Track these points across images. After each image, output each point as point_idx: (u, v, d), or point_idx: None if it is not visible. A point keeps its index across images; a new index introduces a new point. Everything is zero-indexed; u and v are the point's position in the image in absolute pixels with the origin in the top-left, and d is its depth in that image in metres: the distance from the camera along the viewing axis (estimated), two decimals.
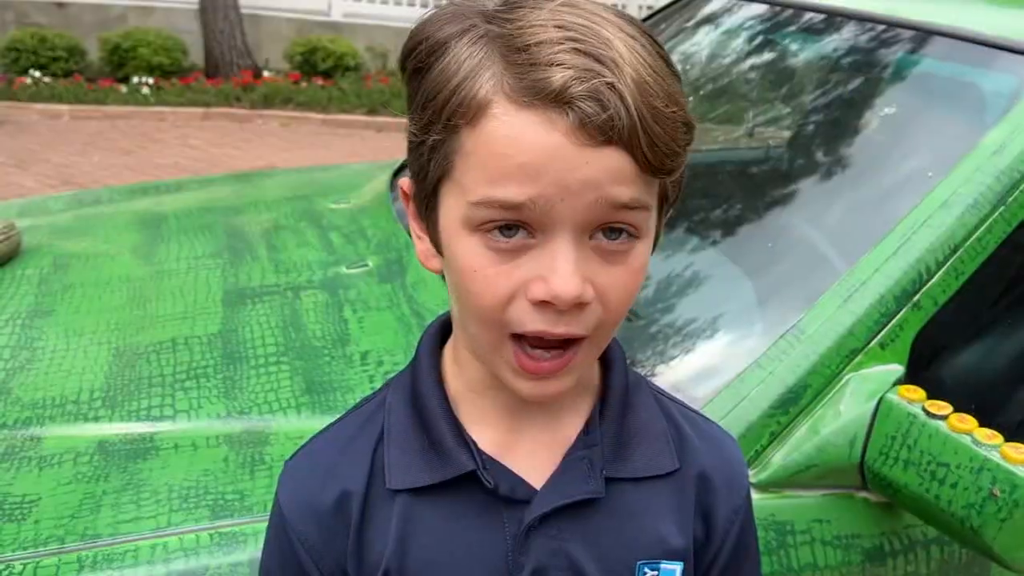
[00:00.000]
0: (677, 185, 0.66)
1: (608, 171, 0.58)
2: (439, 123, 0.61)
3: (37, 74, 7.66)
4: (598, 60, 0.57)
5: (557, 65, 0.56)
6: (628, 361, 0.76)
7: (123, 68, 7.97)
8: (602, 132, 0.56)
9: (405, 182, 0.69)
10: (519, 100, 0.57)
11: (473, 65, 0.59)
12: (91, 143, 6.54)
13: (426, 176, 0.64)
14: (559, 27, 0.58)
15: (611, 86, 0.56)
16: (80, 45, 8.05)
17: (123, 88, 7.69)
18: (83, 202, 2.21)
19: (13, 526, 1.04)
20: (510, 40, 0.59)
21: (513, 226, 0.59)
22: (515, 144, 0.57)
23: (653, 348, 1.28)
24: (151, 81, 7.86)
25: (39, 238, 1.87)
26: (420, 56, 0.63)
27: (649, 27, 0.63)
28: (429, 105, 0.61)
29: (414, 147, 0.64)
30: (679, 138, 0.60)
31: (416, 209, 0.68)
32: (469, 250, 0.61)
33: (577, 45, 0.57)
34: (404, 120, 0.67)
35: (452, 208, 0.62)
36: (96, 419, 1.24)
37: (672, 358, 1.27)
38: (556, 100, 0.56)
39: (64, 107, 7.26)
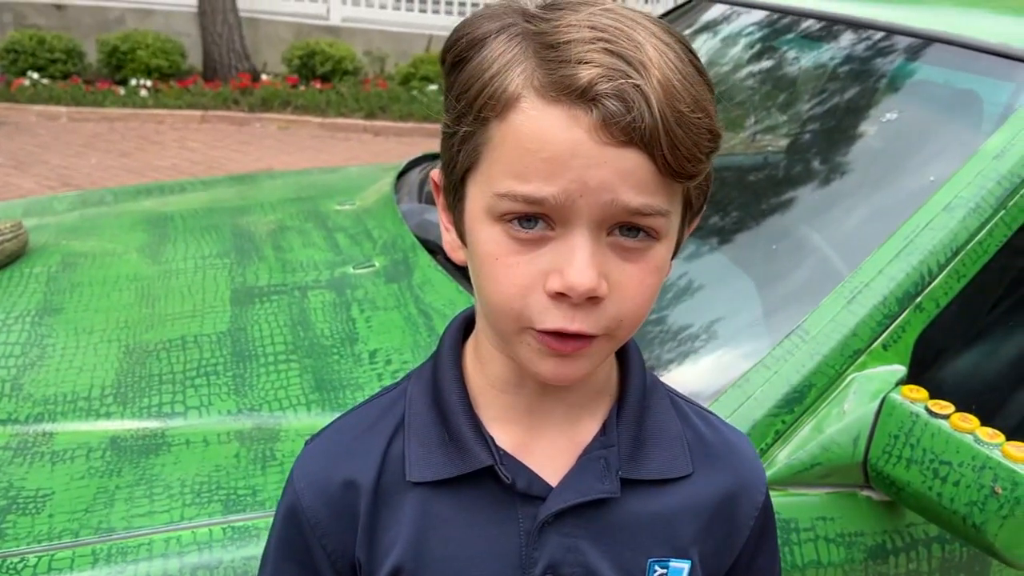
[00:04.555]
0: (702, 194, 0.67)
1: (624, 173, 0.59)
2: (470, 115, 0.62)
3: (35, 76, 7.65)
4: (627, 61, 0.58)
5: (586, 63, 0.58)
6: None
7: (121, 70, 7.97)
8: (624, 132, 0.57)
9: (436, 173, 0.70)
10: (547, 95, 0.59)
11: (507, 60, 0.61)
12: (89, 145, 6.54)
13: (455, 166, 0.65)
14: (592, 27, 0.59)
15: (637, 87, 0.57)
16: (79, 47, 8.05)
17: (121, 90, 7.69)
18: (88, 202, 2.22)
19: (27, 519, 1.05)
20: (544, 38, 0.60)
21: (533, 218, 0.60)
22: (540, 139, 0.59)
23: (661, 349, 1.30)
24: (149, 84, 7.86)
25: (45, 237, 1.87)
26: (459, 50, 0.64)
27: (684, 36, 0.64)
28: (463, 97, 0.63)
29: (446, 138, 0.66)
30: (702, 144, 0.60)
31: (445, 200, 0.70)
32: (490, 238, 0.62)
33: (608, 45, 0.58)
34: (401, 125, 0.68)
35: (477, 198, 0.64)
36: (107, 415, 1.25)
37: (679, 358, 1.29)
38: (581, 97, 0.57)
39: (62, 109, 7.25)
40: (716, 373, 1.23)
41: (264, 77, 8.44)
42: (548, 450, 0.71)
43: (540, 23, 0.61)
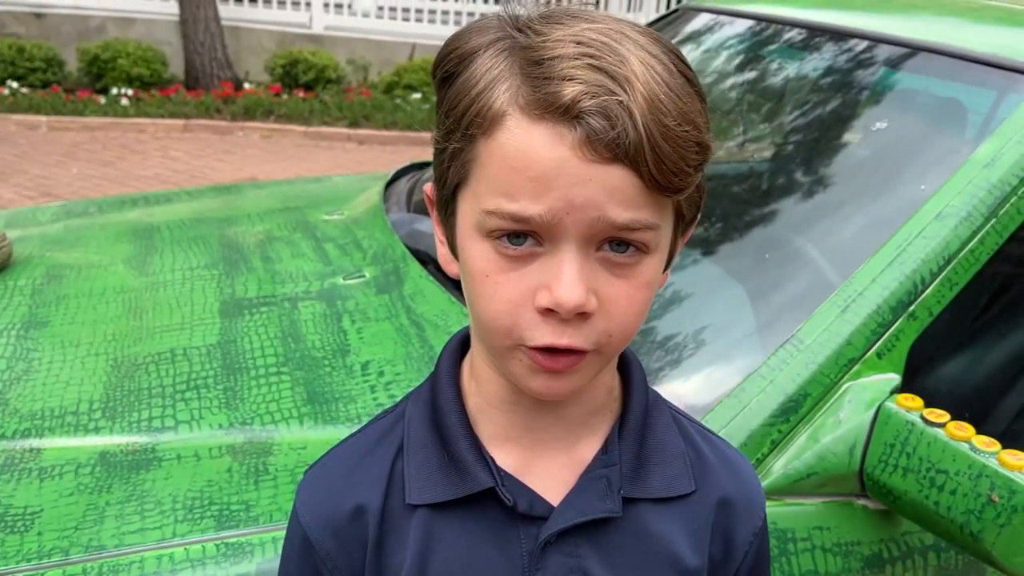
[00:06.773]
0: (694, 205, 0.66)
1: (611, 190, 0.58)
2: (459, 131, 0.62)
3: (15, 85, 7.58)
4: (611, 76, 0.57)
5: (569, 80, 0.57)
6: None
7: (102, 79, 7.91)
8: (608, 148, 0.57)
9: (429, 187, 0.70)
10: (531, 113, 0.58)
11: (493, 76, 0.60)
12: (70, 154, 6.48)
13: (446, 182, 0.65)
14: (577, 42, 0.59)
15: (621, 103, 0.57)
16: (59, 56, 7.98)
17: (102, 99, 7.63)
18: (72, 213, 2.19)
19: (16, 538, 1.03)
20: (529, 53, 0.60)
21: (522, 234, 0.60)
22: (525, 157, 0.58)
23: (655, 360, 1.30)
24: (130, 92, 7.81)
25: (30, 249, 1.85)
26: (448, 65, 0.64)
27: (676, 46, 0.63)
28: (451, 113, 0.63)
29: (437, 153, 0.66)
30: (689, 157, 0.59)
31: (438, 214, 0.70)
32: (481, 255, 0.62)
33: (592, 61, 0.58)
34: (385, 133, 0.67)
35: (467, 213, 0.64)
36: (96, 430, 1.24)
37: (674, 370, 1.28)
38: (565, 114, 0.57)
39: (42, 118, 7.18)
40: (711, 383, 1.23)
41: (247, 86, 8.40)
42: (549, 469, 0.71)
43: (529, 37, 0.61)
